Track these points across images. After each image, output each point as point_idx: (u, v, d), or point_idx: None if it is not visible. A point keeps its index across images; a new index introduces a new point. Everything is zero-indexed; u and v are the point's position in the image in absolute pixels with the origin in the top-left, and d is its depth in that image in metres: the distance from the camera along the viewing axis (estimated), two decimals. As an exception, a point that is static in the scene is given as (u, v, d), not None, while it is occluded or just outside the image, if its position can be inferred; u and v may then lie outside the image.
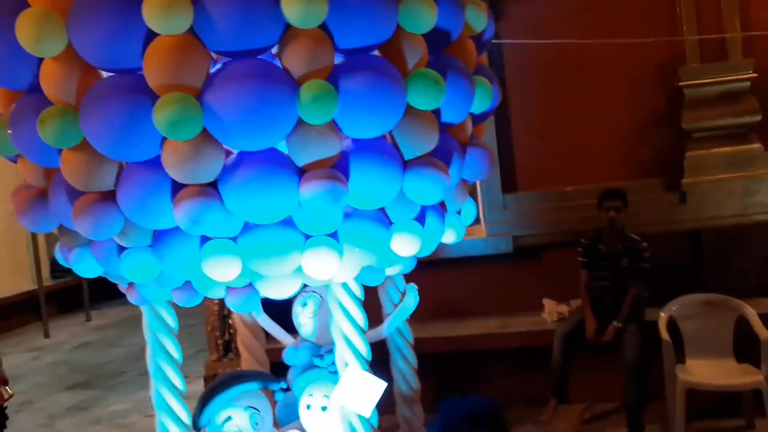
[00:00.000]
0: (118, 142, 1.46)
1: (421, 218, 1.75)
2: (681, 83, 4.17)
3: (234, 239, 1.61)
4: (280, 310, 2.73)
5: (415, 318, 2.43)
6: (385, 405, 2.03)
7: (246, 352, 2.65)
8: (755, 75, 4.05)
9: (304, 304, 2.51)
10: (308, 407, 2.14)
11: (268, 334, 2.70)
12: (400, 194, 1.64)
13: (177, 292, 1.85)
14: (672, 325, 3.87)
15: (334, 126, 1.48)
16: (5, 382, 3.70)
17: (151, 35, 1.42)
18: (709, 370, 3.70)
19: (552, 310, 4.33)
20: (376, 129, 1.52)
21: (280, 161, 1.52)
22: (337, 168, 1.52)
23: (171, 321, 2.11)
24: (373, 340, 2.07)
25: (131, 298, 1.95)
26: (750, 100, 4.08)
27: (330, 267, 1.63)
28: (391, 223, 1.69)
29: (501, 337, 4.22)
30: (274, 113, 1.41)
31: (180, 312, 7.62)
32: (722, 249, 4.20)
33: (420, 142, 1.58)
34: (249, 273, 1.66)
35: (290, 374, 2.50)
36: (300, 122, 1.46)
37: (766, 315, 3.70)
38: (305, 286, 2.57)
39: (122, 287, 2.03)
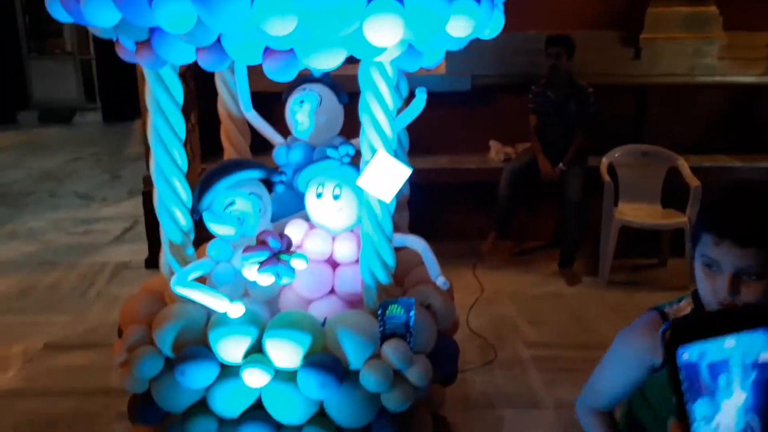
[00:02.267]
0: None
1: (476, 1, 1.68)
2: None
3: (293, -10, 1.47)
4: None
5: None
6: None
7: (230, 147, 2.54)
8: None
9: (302, 102, 2.41)
10: (319, 196, 2.11)
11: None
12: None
13: (203, 53, 1.68)
14: (611, 171, 4.15)
15: None
16: None
17: None
18: (639, 212, 4.05)
19: (499, 151, 4.48)
20: None
21: None
22: None
23: (177, 92, 1.95)
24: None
25: (143, 59, 1.75)
26: (714, -39, 4.19)
27: (393, 34, 1.54)
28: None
29: (451, 173, 4.35)
30: None
31: (89, 140, 7.18)
32: (666, 106, 4.45)
33: None
34: (299, 32, 1.53)
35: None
36: None
37: (695, 168, 4.04)
38: (303, 82, 2.47)
39: (127, 51, 1.83)
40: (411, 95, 2.45)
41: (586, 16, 4.39)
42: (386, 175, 1.88)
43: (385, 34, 1.55)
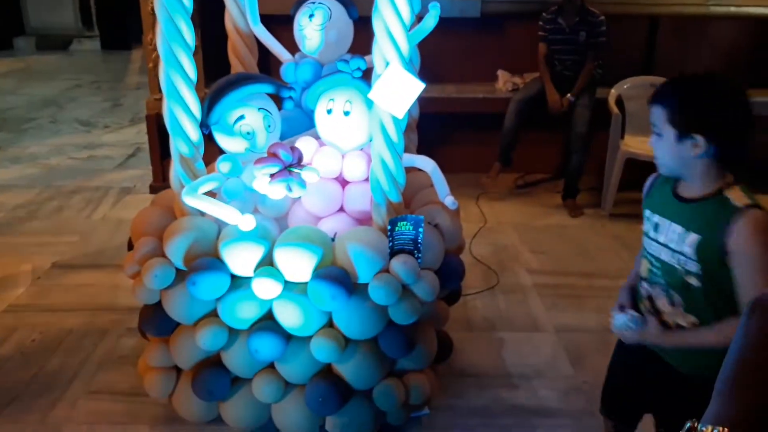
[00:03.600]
0: None
1: None
2: None
3: None
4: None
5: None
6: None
7: (238, 63, 2.50)
8: None
9: (312, 16, 2.36)
10: (329, 112, 2.09)
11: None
12: None
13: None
14: (619, 103, 4.10)
15: None
16: None
17: None
18: (646, 145, 4.01)
19: (506, 81, 4.41)
20: None
21: None
22: None
23: (188, 1, 1.89)
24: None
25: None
26: None
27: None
28: None
29: (457, 102, 4.30)
30: None
31: (87, 68, 7.09)
32: (678, 37, 4.36)
33: None
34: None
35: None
36: None
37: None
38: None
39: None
40: (419, 20, 2.40)
41: (600, -59, 4.24)
42: (399, 89, 1.85)
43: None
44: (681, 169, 1.45)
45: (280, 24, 2.74)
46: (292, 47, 2.51)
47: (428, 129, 3.13)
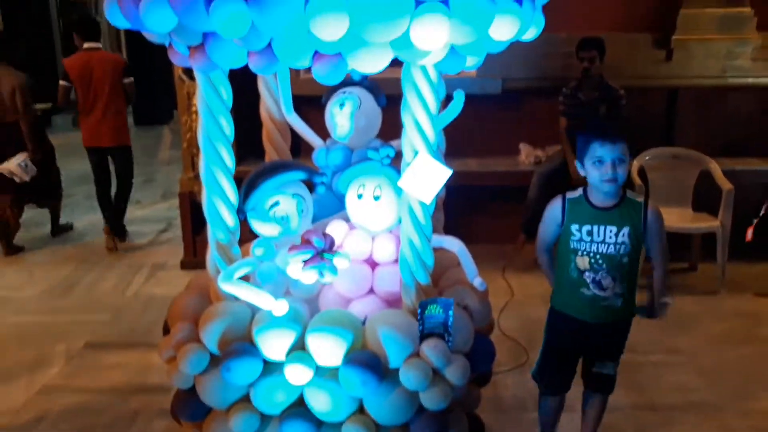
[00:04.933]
0: None
1: (518, 1, 1.71)
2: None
3: (343, -4, 1.52)
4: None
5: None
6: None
7: (271, 149, 2.60)
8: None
9: (342, 105, 2.46)
10: (359, 197, 2.15)
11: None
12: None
13: (255, 57, 1.74)
14: (642, 174, 4.14)
15: None
16: None
17: None
18: (670, 216, 4.02)
19: (529, 154, 4.49)
20: None
21: None
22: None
23: (226, 96, 2.01)
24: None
25: (197, 63, 1.82)
26: (749, -38, 4.17)
27: (439, 36, 1.58)
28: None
29: (481, 176, 4.37)
30: None
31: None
32: (697, 108, 4.43)
33: None
34: (348, 37, 1.58)
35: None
36: None
37: (727, 171, 4.02)
38: (343, 85, 2.52)
39: (179, 55, 1.89)
40: (447, 98, 2.49)
41: (616, 18, 4.40)
42: (427, 177, 1.92)
43: (431, 37, 1.59)
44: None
45: (311, 106, 2.88)
46: (321, 127, 2.62)
47: (453, 202, 3.21)
